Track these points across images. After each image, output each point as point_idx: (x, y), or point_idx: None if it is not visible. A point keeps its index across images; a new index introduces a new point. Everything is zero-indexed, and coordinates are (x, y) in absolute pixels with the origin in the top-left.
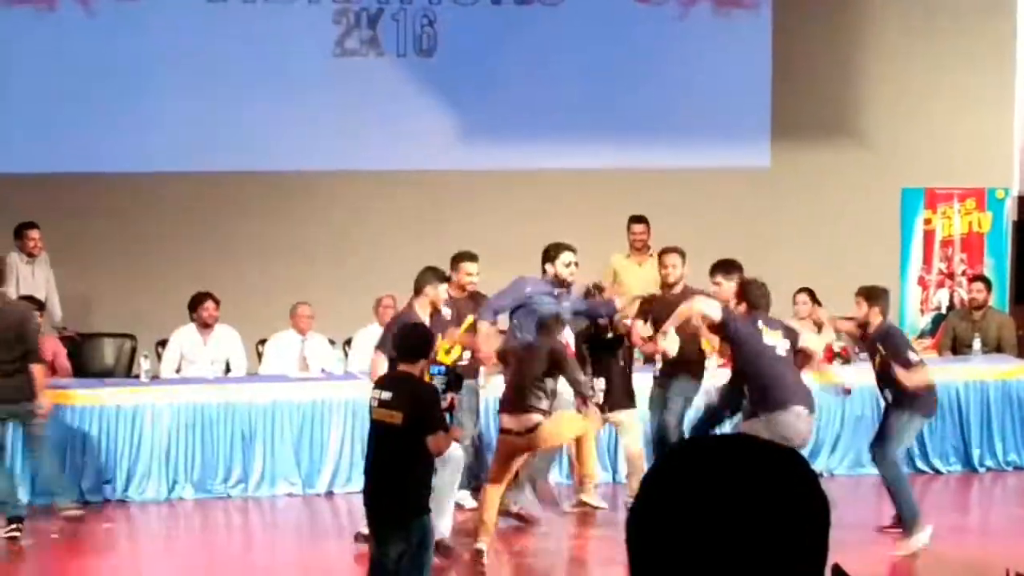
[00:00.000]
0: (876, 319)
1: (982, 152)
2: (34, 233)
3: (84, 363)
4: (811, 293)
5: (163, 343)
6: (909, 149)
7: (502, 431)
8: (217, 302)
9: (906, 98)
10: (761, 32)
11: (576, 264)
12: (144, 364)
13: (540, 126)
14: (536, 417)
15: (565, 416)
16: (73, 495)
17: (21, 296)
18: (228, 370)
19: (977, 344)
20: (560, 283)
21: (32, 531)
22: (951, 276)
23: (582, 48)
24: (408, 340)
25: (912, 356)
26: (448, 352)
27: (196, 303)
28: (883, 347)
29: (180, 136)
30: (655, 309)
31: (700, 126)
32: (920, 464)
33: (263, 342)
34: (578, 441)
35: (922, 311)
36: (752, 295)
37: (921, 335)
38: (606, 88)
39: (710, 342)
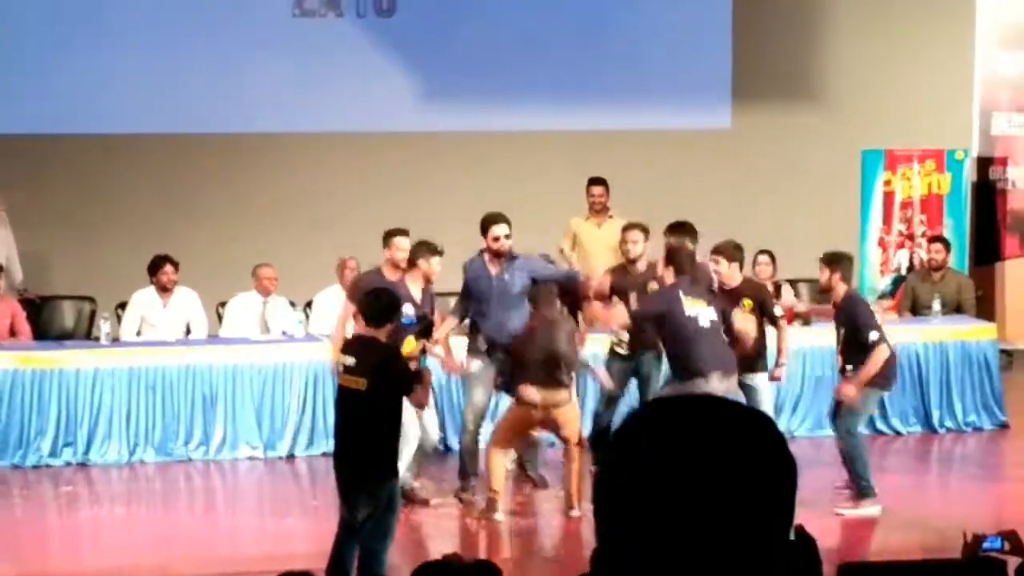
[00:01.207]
0: (839, 286)
1: (941, 113)
2: None
3: (43, 326)
4: (771, 255)
5: (123, 305)
6: (869, 110)
7: (522, 402)
8: (176, 265)
9: (866, 59)
10: None
11: (507, 236)
12: (104, 326)
13: (500, 87)
14: (564, 393)
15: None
16: None
17: None
18: (188, 332)
19: (937, 305)
20: (495, 254)
21: None
22: (911, 237)
23: (542, 9)
24: (374, 305)
25: (872, 336)
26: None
27: (155, 267)
28: (845, 327)
29: (139, 97)
30: (620, 282)
31: (661, 87)
32: (880, 425)
33: (223, 304)
34: (569, 460)
35: (882, 272)
36: (678, 261)
37: (881, 296)
38: (566, 49)
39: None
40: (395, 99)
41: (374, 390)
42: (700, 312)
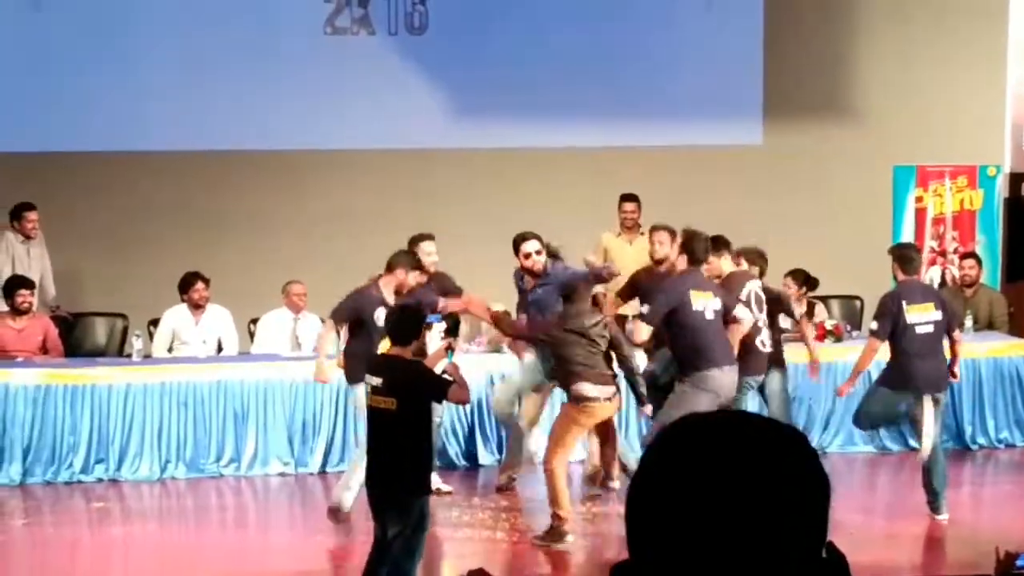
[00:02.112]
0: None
1: (973, 129)
2: (32, 215)
3: (76, 342)
4: (802, 274)
5: (155, 322)
6: (900, 127)
7: (581, 399)
8: (207, 282)
9: (897, 75)
10: (753, 9)
11: (538, 252)
12: (136, 343)
13: (531, 104)
14: (613, 388)
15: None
16: None
17: (14, 275)
18: (220, 349)
19: (969, 322)
20: (531, 274)
21: (25, 510)
22: (943, 254)
23: (573, 25)
24: (400, 323)
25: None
26: None
27: (186, 284)
28: None
29: (171, 114)
30: (644, 285)
31: (692, 103)
32: (912, 442)
33: (255, 321)
34: (607, 433)
35: None
36: (696, 250)
37: None
38: (598, 65)
39: None
40: (426, 116)
41: (404, 409)
42: (707, 304)
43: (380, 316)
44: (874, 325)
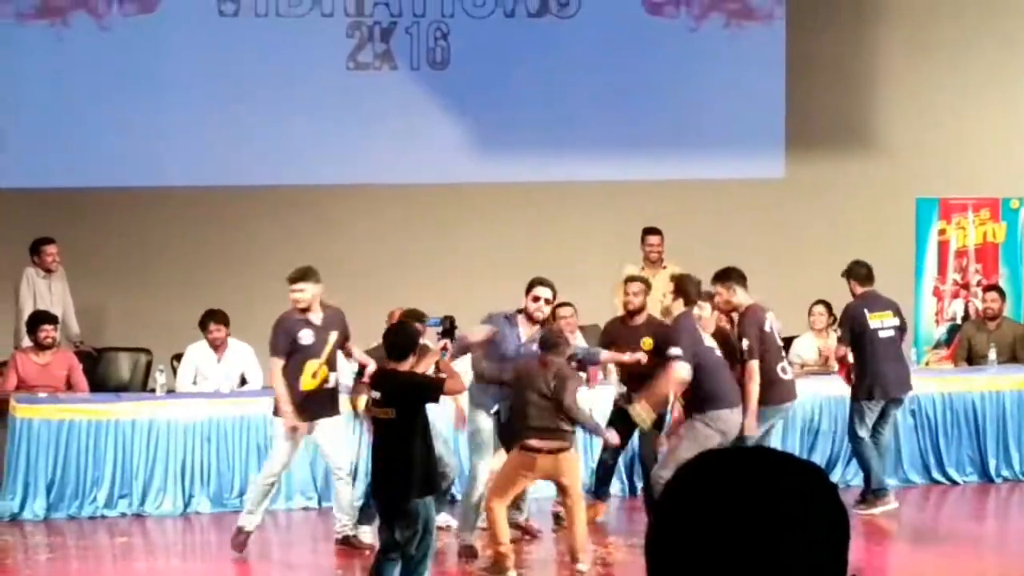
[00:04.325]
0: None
1: (996, 162)
2: (51, 248)
3: (100, 377)
4: (827, 304)
5: (178, 357)
6: (923, 159)
7: (527, 449)
8: (221, 321)
9: (920, 108)
10: (775, 43)
11: (547, 301)
12: (159, 378)
13: (554, 138)
14: (566, 441)
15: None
16: None
17: (37, 310)
18: (243, 383)
19: (992, 354)
20: (528, 318)
21: (49, 545)
22: (966, 286)
23: (595, 60)
24: (396, 340)
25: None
26: (314, 375)
27: (203, 326)
28: None
29: (195, 151)
30: (615, 336)
31: (714, 137)
32: (936, 474)
33: None
34: (571, 511)
35: (937, 322)
36: (690, 292)
37: (936, 345)
38: (620, 100)
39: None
40: (448, 151)
41: (403, 416)
42: (712, 343)
43: (305, 336)
44: (838, 332)
